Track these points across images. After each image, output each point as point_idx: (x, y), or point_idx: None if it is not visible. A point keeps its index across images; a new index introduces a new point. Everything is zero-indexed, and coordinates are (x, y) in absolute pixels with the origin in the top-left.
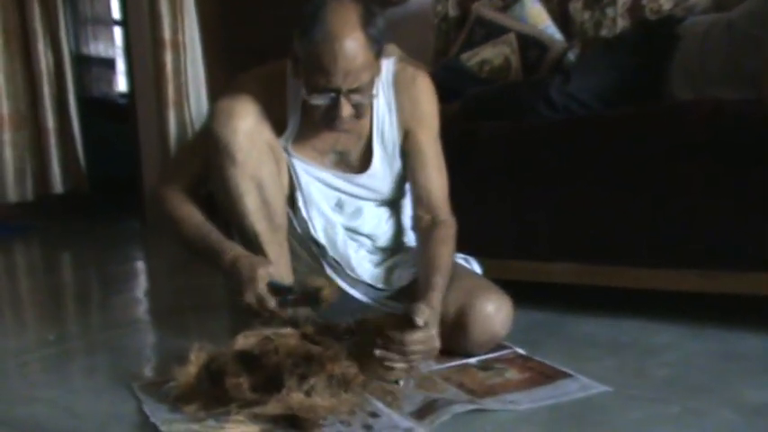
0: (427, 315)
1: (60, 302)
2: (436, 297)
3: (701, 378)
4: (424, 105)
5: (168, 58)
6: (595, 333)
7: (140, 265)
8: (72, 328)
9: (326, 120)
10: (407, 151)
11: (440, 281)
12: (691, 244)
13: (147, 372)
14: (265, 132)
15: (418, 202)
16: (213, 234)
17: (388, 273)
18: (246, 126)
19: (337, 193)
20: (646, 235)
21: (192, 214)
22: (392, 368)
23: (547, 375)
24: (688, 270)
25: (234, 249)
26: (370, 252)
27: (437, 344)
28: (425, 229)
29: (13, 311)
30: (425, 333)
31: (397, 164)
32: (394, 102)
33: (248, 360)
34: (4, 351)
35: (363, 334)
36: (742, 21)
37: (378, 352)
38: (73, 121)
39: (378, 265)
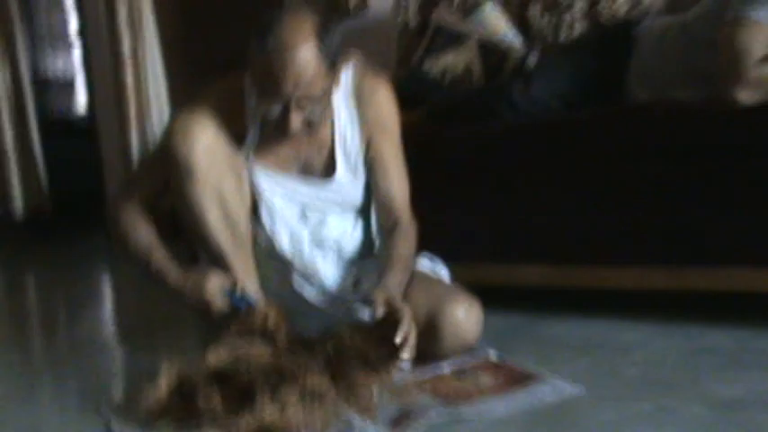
0: (383, 302)
1: (25, 325)
2: (392, 281)
3: (672, 375)
4: (385, 114)
5: (129, 74)
6: (566, 334)
7: (106, 283)
8: (38, 350)
9: (277, 130)
10: (369, 159)
11: (397, 269)
12: (656, 242)
13: (116, 391)
14: (224, 146)
15: (380, 208)
16: (153, 264)
17: (356, 282)
18: (204, 141)
19: (301, 204)
20: (612, 234)
21: (140, 237)
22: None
23: (520, 379)
24: (653, 268)
25: (173, 280)
26: (337, 262)
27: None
28: (387, 233)
29: None
30: (404, 325)
31: (361, 172)
32: (355, 111)
33: (220, 376)
34: None
35: (338, 349)
36: (695, 24)
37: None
38: (34, 141)
39: (345, 275)
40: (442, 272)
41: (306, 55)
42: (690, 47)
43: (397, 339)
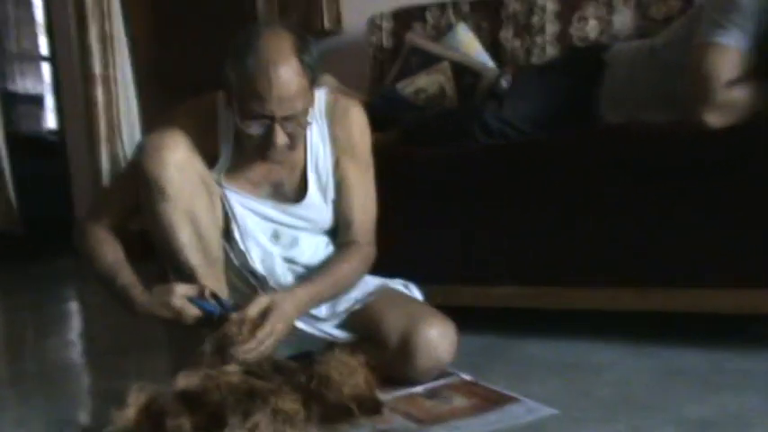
0: (264, 305)
1: None
2: (303, 289)
3: (644, 396)
4: (356, 136)
5: (99, 93)
6: (539, 355)
7: (75, 305)
8: (2, 374)
9: (261, 149)
10: (336, 180)
11: (323, 281)
12: (625, 263)
13: (84, 417)
14: (196, 165)
15: (341, 229)
16: (119, 280)
17: (332, 302)
18: (176, 159)
19: (273, 224)
20: (582, 255)
21: (106, 255)
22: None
23: (494, 400)
24: (623, 289)
25: (140, 295)
26: None
27: (282, 334)
28: (339, 246)
29: None
30: (266, 329)
31: (331, 194)
32: (327, 132)
33: (190, 399)
34: None
35: (320, 379)
36: (665, 48)
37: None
38: (2, 159)
39: None
40: (416, 294)
41: (289, 71)
42: (659, 71)
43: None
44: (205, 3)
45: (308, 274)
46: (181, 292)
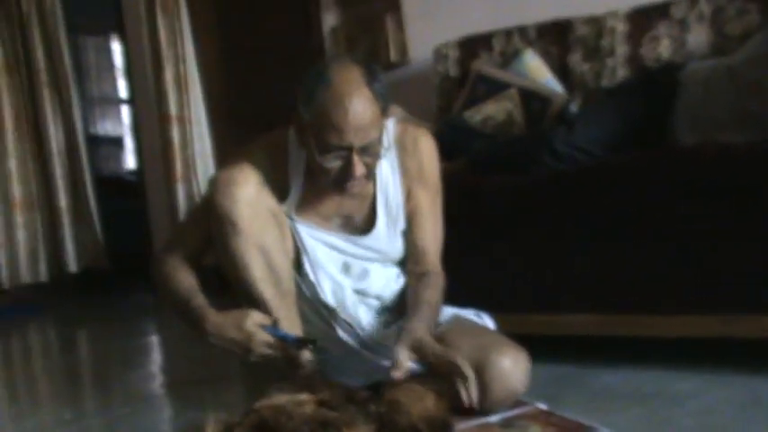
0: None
1: (76, 380)
2: (418, 326)
3: (728, 426)
4: (426, 165)
5: (175, 133)
6: (617, 384)
7: (154, 339)
8: (88, 405)
9: (339, 181)
10: (408, 210)
11: (423, 314)
12: (709, 289)
13: None
14: (266, 199)
15: (411, 259)
16: (194, 301)
17: (400, 332)
18: (247, 194)
19: (343, 256)
20: (662, 282)
21: (181, 281)
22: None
23: (571, 429)
24: (708, 316)
25: (213, 316)
26: (380, 313)
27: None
28: (415, 280)
29: (29, 392)
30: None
31: (401, 224)
32: (397, 162)
33: (264, 429)
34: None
35: (392, 408)
36: (744, 66)
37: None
38: (89, 199)
39: (388, 325)
40: (489, 323)
41: (363, 101)
42: (738, 89)
43: (465, 397)
44: (274, 42)
45: (406, 310)
46: (256, 319)
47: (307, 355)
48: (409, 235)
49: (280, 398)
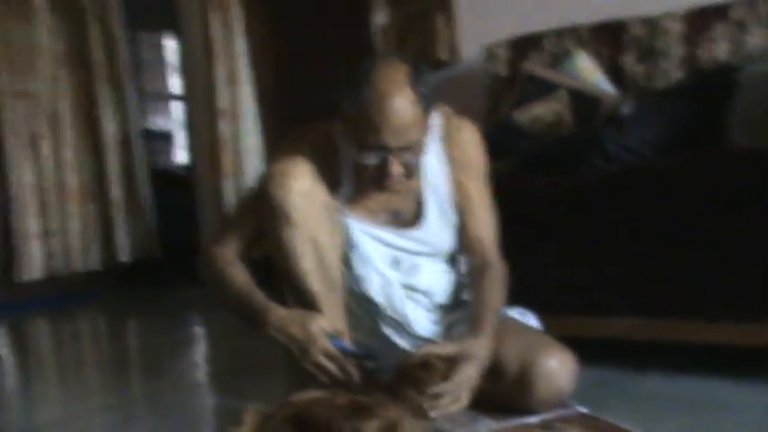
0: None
1: (123, 367)
2: (486, 330)
3: None
4: (472, 154)
5: (225, 128)
6: (663, 391)
7: (200, 330)
8: (134, 392)
9: (376, 180)
10: (458, 201)
11: (490, 316)
12: (762, 296)
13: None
14: (320, 192)
15: (469, 251)
16: (257, 294)
17: (448, 329)
18: (302, 186)
19: (392, 251)
20: (712, 287)
21: (236, 275)
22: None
23: None
24: (759, 324)
25: (278, 310)
26: (428, 310)
27: (475, 381)
28: (475, 273)
29: (78, 377)
30: (462, 372)
31: (450, 217)
32: (444, 154)
33: (300, 420)
34: (70, 415)
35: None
36: None
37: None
38: (143, 191)
39: (436, 322)
40: (534, 323)
41: (403, 102)
42: None
43: (430, 389)
44: (324, 38)
45: (469, 312)
46: (321, 323)
47: (362, 372)
48: (463, 227)
49: (315, 392)
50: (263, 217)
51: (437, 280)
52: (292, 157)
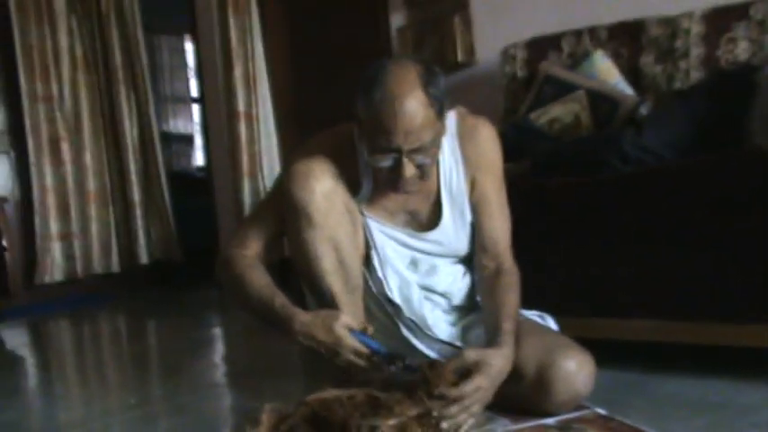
0: (472, 360)
1: (142, 368)
2: (507, 341)
3: None
4: (488, 152)
5: (243, 130)
6: (681, 392)
7: (218, 331)
8: (153, 391)
9: (390, 181)
10: (473, 200)
11: (509, 326)
12: None
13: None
14: (342, 193)
15: (482, 250)
16: (278, 299)
17: (466, 331)
18: (324, 187)
19: (411, 252)
20: (730, 289)
21: (257, 279)
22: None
23: None
24: None
25: (301, 315)
26: (446, 311)
27: (491, 391)
28: (490, 277)
29: (97, 377)
30: (476, 380)
31: (467, 215)
32: (459, 153)
33: (317, 420)
34: (89, 414)
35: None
36: None
37: (434, 413)
38: (163, 194)
39: (454, 324)
40: (552, 325)
41: (414, 104)
42: None
43: (437, 390)
44: (342, 41)
45: (484, 319)
46: (345, 321)
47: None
48: (478, 226)
49: (332, 392)
50: (283, 217)
51: (455, 281)
52: (314, 158)
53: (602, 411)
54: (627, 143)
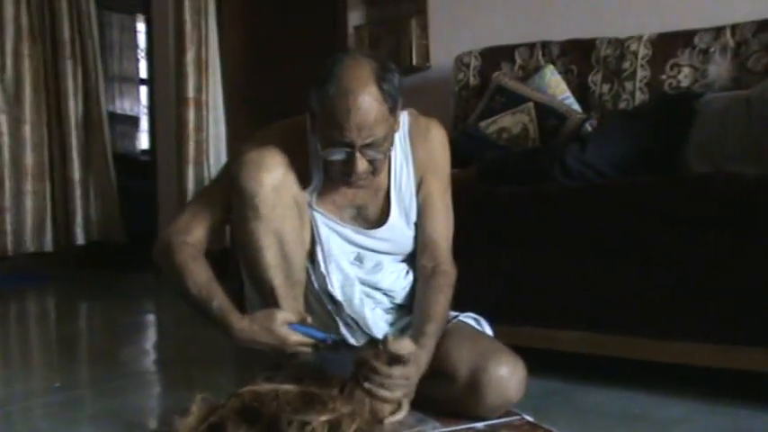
0: (409, 350)
1: (69, 351)
2: (427, 344)
3: None
4: (437, 154)
5: (191, 116)
6: (606, 403)
7: (150, 317)
8: (79, 376)
9: (342, 175)
10: (419, 200)
11: (432, 328)
12: (706, 317)
13: (151, 422)
14: (291, 186)
15: (422, 251)
16: (216, 301)
17: (403, 332)
18: (273, 179)
19: (356, 248)
20: (658, 306)
21: (198, 274)
22: (381, 400)
23: None
24: (702, 344)
25: (240, 321)
26: (386, 310)
27: (413, 386)
28: (425, 277)
29: (21, 357)
30: (407, 369)
31: (413, 215)
32: (410, 152)
33: (249, 410)
34: (10, 396)
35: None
36: (758, 100)
37: (365, 384)
38: (111, 174)
39: (393, 323)
40: (487, 330)
41: (368, 99)
42: (752, 123)
43: (367, 384)
44: (298, 35)
45: (413, 317)
46: (282, 319)
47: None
48: (420, 226)
49: (266, 386)
50: (229, 206)
51: (398, 279)
52: (265, 149)
53: (529, 418)
54: (570, 157)
